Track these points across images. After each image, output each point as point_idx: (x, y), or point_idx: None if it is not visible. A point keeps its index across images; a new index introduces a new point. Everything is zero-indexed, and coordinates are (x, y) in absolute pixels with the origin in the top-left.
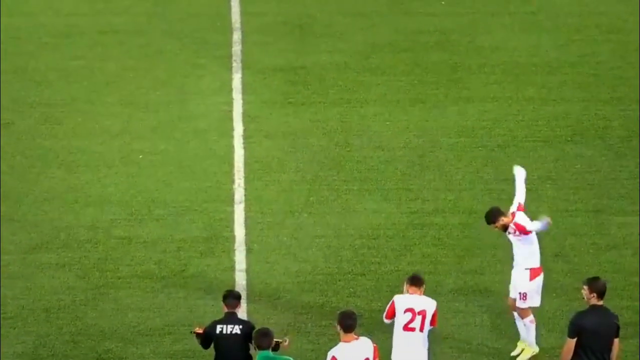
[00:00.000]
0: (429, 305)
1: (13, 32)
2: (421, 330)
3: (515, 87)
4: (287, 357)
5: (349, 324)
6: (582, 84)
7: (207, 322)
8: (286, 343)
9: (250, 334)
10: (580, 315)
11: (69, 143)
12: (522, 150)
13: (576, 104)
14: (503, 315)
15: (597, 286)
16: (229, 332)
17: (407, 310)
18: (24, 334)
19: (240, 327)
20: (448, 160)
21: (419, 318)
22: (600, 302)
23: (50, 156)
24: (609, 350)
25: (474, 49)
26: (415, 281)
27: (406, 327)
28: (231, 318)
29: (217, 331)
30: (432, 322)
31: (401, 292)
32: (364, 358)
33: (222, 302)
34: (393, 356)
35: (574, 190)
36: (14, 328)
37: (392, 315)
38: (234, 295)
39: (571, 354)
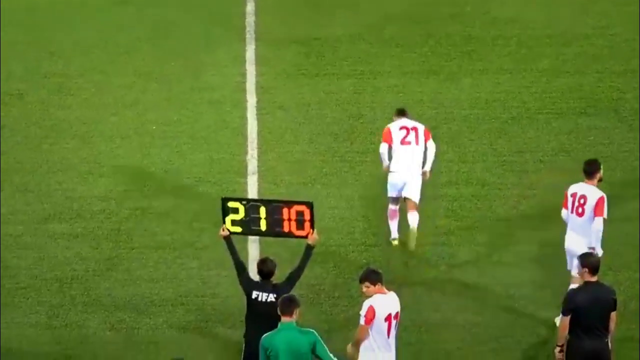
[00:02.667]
0: (419, 124)
1: (28, 3)
2: (417, 143)
3: (529, 59)
4: (311, 330)
5: (380, 277)
6: (596, 56)
7: (222, 292)
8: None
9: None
10: (573, 292)
11: (83, 114)
12: (536, 122)
13: (590, 76)
14: (516, 287)
15: (589, 261)
16: (264, 299)
17: (401, 128)
18: (37, 304)
19: (275, 295)
20: (461, 132)
21: (412, 132)
22: (594, 278)
23: (63, 127)
24: (606, 325)
25: (489, 21)
26: (402, 112)
27: (403, 142)
28: (266, 285)
29: (253, 296)
30: (426, 137)
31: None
32: (396, 311)
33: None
34: (392, 167)
35: None
36: (27, 298)
37: (389, 138)
38: (268, 265)
39: (566, 331)
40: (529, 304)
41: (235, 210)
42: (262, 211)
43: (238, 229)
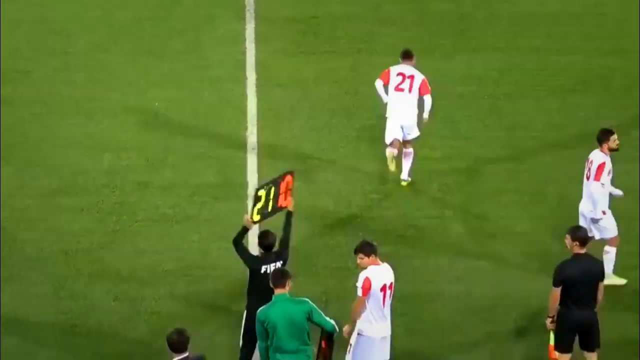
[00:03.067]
0: (417, 73)
1: None
2: (410, 91)
3: (521, 37)
4: (304, 299)
5: (374, 249)
6: (585, 35)
7: (223, 264)
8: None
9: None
10: (563, 264)
11: (87, 91)
12: (527, 99)
13: (580, 54)
14: (508, 259)
15: (578, 234)
16: (271, 270)
17: (398, 74)
18: (44, 275)
19: (281, 262)
20: (455, 109)
21: (407, 81)
22: (583, 250)
23: (69, 103)
24: (595, 295)
25: (481, 0)
26: (407, 54)
27: (397, 88)
28: (270, 256)
29: (262, 271)
30: (423, 91)
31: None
32: (390, 282)
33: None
34: (388, 114)
35: (577, 138)
36: (34, 270)
37: (385, 78)
38: (269, 238)
39: (557, 302)
40: (520, 276)
41: (259, 199)
42: (272, 192)
43: (258, 217)
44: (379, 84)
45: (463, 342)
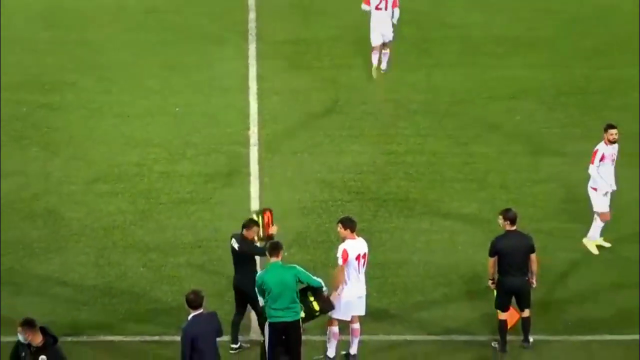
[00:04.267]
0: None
1: (77, 12)
2: (385, 9)
3: (471, 55)
4: (293, 265)
5: (353, 225)
6: (523, 52)
7: (229, 237)
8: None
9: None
10: (496, 239)
11: (120, 98)
12: (475, 105)
13: (518, 69)
14: (459, 234)
15: (508, 215)
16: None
17: (377, 5)
18: (86, 247)
19: (238, 244)
20: (417, 112)
21: (384, 2)
22: (513, 227)
23: (106, 108)
24: (526, 264)
25: (439, 25)
26: None
27: (377, 8)
28: (236, 235)
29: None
30: (393, 5)
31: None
32: (364, 252)
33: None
34: (371, 26)
35: (515, 136)
36: (79, 242)
37: (368, 1)
38: (250, 221)
39: (493, 269)
40: (469, 247)
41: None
42: (260, 220)
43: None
44: (364, 7)
45: (423, 300)
